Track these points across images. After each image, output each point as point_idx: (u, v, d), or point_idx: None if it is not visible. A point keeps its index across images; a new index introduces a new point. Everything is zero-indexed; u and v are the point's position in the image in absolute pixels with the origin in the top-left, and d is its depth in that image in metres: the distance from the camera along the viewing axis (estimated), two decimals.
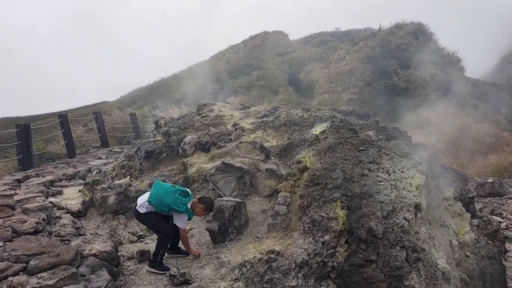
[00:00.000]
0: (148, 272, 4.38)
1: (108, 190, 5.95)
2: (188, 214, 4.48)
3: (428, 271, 3.92)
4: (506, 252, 5.66)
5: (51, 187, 7.10)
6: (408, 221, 4.12)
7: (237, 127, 7.12)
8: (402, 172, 4.75)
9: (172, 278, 4.09)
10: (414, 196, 4.43)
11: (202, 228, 5.24)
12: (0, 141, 16.99)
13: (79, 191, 6.73)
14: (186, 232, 4.69)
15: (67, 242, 4.49)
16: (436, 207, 4.88)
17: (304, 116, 6.87)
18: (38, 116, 29.27)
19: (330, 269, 3.91)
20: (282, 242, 4.46)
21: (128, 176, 6.59)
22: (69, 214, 5.60)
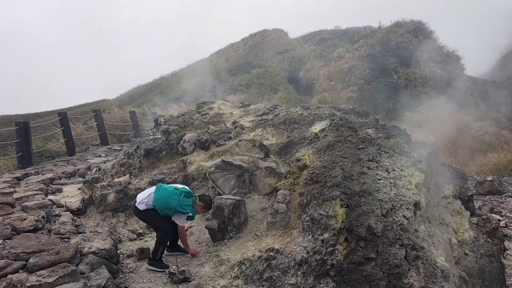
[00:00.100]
0: (147, 270, 4.38)
1: (108, 188, 5.95)
2: (192, 213, 4.49)
3: (427, 269, 3.92)
4: (505, 250, 5.67)
5: (50, 185, 7.11)
6: (407, 219, 4.12)
7: (236, 125, 7.11)
8: (402, 170, 4.75)
9: (172, 276, 4.09)
10: (413, 194, 4.43)
11: (201, 226, 5.24)
12: (0, 139, 16.97)
13: (79, 189, 6.73)
14: (185, 230, 4.69)
15: (66, 240, 4.49)
16: (435, 205, 4.88)
17: (303, 114, 6.87)
18: (38, 114, 29.30)
19: (329, 267, 3.91)
20: (281, 240, 4.46)
21: (128, 174, 6.59)
22: (68, 212, 5.60)
